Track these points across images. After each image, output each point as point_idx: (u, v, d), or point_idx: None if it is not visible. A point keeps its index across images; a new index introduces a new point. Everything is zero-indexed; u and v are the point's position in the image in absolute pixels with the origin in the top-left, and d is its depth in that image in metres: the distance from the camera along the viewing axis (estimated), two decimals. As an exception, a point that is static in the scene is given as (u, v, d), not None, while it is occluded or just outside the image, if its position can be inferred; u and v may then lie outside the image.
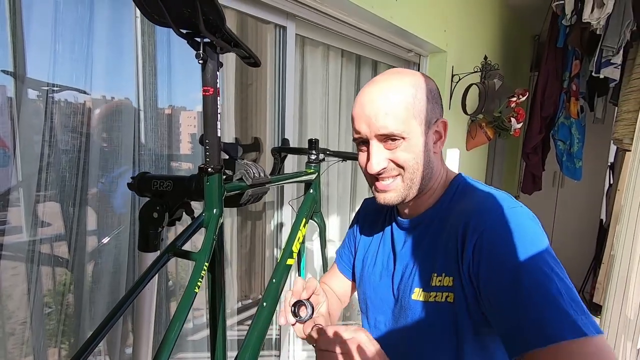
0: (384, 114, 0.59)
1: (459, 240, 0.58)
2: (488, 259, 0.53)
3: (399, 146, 0.60)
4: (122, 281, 1.19)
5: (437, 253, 0.62)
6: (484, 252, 0.53)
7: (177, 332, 0.50)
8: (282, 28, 1.47)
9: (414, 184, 0.63)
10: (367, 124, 0.60)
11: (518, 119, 2.48)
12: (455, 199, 0.66)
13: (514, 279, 0.50)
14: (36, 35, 0.99)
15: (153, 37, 1.20)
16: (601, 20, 2.08)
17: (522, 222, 0.54)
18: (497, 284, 0.52)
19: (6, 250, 0.98)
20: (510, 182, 3.92)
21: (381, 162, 0.61)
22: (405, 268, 0.67)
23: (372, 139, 0.61)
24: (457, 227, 0.59)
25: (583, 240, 3.48)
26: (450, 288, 0.59)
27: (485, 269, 0.53)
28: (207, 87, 0.58)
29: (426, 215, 0.67)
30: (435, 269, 0.61)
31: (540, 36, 3.52)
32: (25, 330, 1.03)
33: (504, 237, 0.53)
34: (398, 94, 0.60)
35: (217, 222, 0.66)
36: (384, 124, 0.59)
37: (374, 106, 0.60)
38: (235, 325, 1.65)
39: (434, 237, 0.64)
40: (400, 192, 0.63)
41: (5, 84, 0.98)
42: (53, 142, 1.03)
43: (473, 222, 0.56)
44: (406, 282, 0.66)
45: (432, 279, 0.61)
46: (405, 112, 0.59)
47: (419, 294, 0.63)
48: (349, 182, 2.13)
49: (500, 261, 0.52)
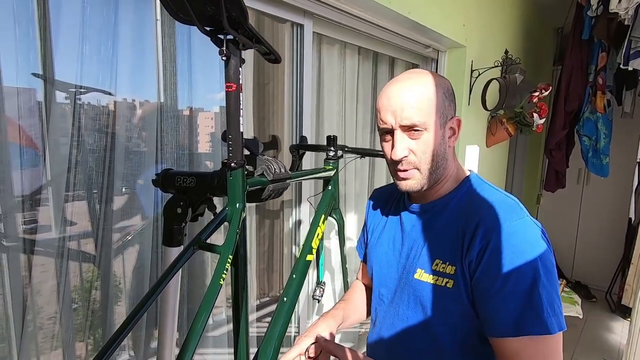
0: (409, 106, 0.65)
1: (466, 240, 0.65)
2: (487, 264, 0.61)
3: (420, 137, 0.67)
4: (145, 276, 1.22)
5: (444, 242, 0.69)
6: (485, 258, 0.61)
7: (203, 324, 0.51)
8: (299, 26, 1.48)
9: (431, 173, 0.69)
10: (393, 115, 0.66)
11: (540, 115, 2.42)
12: (467, 195, 0.72)
13: (504, 281, 0.60)
14: (63, 38, 1.03)
15: (173, 38, 1.23)
16: (629, 10, 2.00)
17: (525, 236, 0.62)
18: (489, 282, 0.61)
19: (37, 247, 1.02)
20: (532, 179, 3.81)
21: (404, 150, 0.67)
22: (411, 249, 0.74)
23: (397, 128, 0.67)
24: (467, 226, 0.66)
25: (610, 240, 3.35)
26: (451, 275, 0.66)
27: (483, 270, 0.62)
28: (230, 83, 0.59)
29: (437, 204, 0.73)
30: (440, 256, 0.68)
31: (563, 29, 3.41)
32: (54, 324, 1.07)
33: (507, 249, 0.60)
34: (421, 90, 0.66)
35: (240, 216, 0.67)
36: (408, 115, 0.65)
37: (399, 99, 0.66)
38: (254, 322, 1.67)
39: (443, 226, 0.70)
40: (419, 180, 0.69)
41: (34, 86, 1.02)
42: (81, 142, 1.07)
43: (482, 228, 0.63)
44: (411, 261, 0.73)
45: (435, 264, 0.68)
46: (427, 106, 0.65)
47: (421, 274, 0.70)
48: (366, 180, 2.12)
49: (497, 268, 0.60)
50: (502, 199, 0.68)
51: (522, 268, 0.59)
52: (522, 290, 0.59)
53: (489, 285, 0.61)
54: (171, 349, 0.82)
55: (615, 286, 3.16)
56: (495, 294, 0.60)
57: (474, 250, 0.63)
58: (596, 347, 2.55)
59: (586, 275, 3.29)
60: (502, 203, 0.66)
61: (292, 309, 0.85)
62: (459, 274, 0.65)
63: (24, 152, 1.00)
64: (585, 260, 3.00)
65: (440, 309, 0.68)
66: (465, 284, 0.64)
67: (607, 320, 2.87)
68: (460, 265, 0.65)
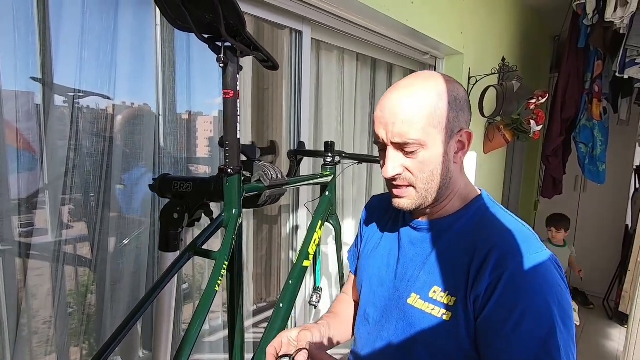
0: (400, 121, 0.57)
1: (473, 269, 0.57)
2: (501, 298, 0.53)
3: (416, 155, 0.59)
4: (142, 281, 1.22)
5: (446, 268, 0.61)
6: (498, 292, 0.54)
7: (198, 330, 0.51)
8: (297, 32, 1.49)
9: (429, 193, 0.61)
10: (384, 129, 0.59)
11: (537, 121, 2.43)
12: (476, 217, 0.64)
13: (519, 321, 0.52)
14: (63, 42, 1.03)
15: (172, 44, 1.24)
16: (625, 19, 2.02)
17: (544, 269, 0.55)
18: (501, 320, 0.53)
19: (33, 250, 1.01)
20: (529, 186, 3.83)
21: (396, 168, 0.60)
22: (407, 269, 0.67)
23: (389, 144, 0.60)
24: (476, 254, 0.58)
25: (607, 247, 3.36)
26: (449, 307, 0.58)
27: (494, 305, 0.54)
28: (227, 89, 0.59)
29: (440, 223, 0.66)
30: (439, 283, 0.61)
31: (560, 36, 3.44)
32: (49, 328, 1.06)
33: (525, 285, 0.53)
34: (418, 102, 0.58)
35: (237, 222, 0.67)
36: (399, 131, 0.58)
37: (392, 112, 0.58)
38: (250, 327, 1.66)
39: (445, 249, 0.63)
40: (414, 200, 0.62)
41: (33, 90, 1.02)
42: (78, 146, 1.07)
43: (495, 257, 0.55)
44: (406, 283, 0.65)
45: (433, 291, 0.61)
46: (425, 121, 0.57)
47: (415, 300, 0.62)
48: (364, 186, 2.12)
49: (512, 304, 0.53)
50: (517, 227, 0.60)
51: (540, 310, 0.52)
52: (538, 335, 0.51)
53: (500, 323, 0.53)
54: (166, 355, 0.81)
55: (612, 293, 3.16)
56: (507, 334, 0.52)
57: (483, 282, 0.55)
58: (593, 354, 2.55)
59: (583, 282, 3.29)
60: (519, 232, 0.59)
61: (288, 314, 0.85)
62: (460, 308, 0.57)
63: (21, 155, 1.00)
64: (583, 267, 3.01)
65: (431, 341, 0.60)
66: (466, 319, 0.56)
67: (605, 327, 2.86)
68: (463, 299, 0.57)
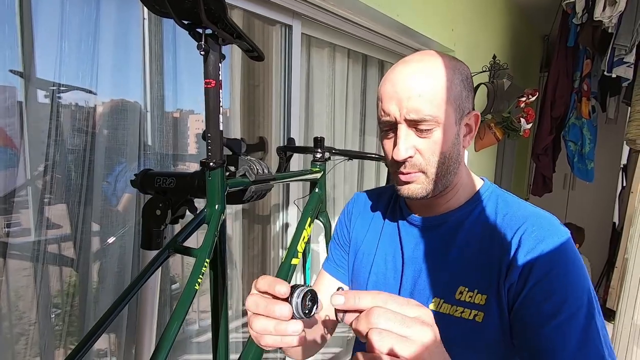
0: (417, 95, 0.52)
1: (504, 259, 0.53)
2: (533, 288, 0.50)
3: (431, 135, 0.54)
4: (126, 280, 1.19)
5: (470, 266, 0.56)
6: (531, 280, 0.50)
7: (176, 330, 0.49)
8: (287, 27, 1.46)
9: (439, 179, 0.56)
10: (397, 105, 0.53)
11: (527, 120, 2.44)
12: (489, 207, 0.59)
13: (560, 307, 0.48)
14: (44, 34, 0.99)
15: (160, 36, 1.20)
16: (613, 18, 2.04)
17: (574, 253, 0.52)
18: (540, 306, 0.50)
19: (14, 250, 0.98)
20: (519, 183, 3.86)
21: (409, 149, 0.54)
22: (420, 272, 0.61)
23: (402, 122, 0.54)
24: (502, 243, 0.54)
25: (595, 244, 3.40)
26: (481, 307, 0.54)
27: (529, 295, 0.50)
28: (209, 79, 0.57)
29: (450, 217, 0.61)
30: (465, 282, 0.56)
31: (550, 35, 3.47)
32: (31, 328, 1.03)
33: (560, 266, 0.50)
34: (435, 75, 0.53)
35: (219, 218, 0.65)
36: (416, 106, 0.52)
37: (407, 86, 0.53)
38: (240, 327, 1.64)
39: (464, 245, 0.58)
40: (424, 186, 0.56)
41: (14, 84, 0.98)
42: (59, 142, 1.03)
43: (526, 245, 0.52)
44: (422, 288, 0.60)
45: (459, 292, 0.56)
46: (441, 96, 0.53)
47: (439, 304, 0.57)
48: (355, 184, 2.11)
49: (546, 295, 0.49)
50: (539, 211, 0.56)
51: (579, 293, 0.49)
52: (578, 321, 0.48)
53: (539, 312, 0.50)
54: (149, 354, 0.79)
55: (600, 289, 3.20)
56: (547, 322, 0.49)
57: (517, 268, 0.51)
58: None
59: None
60: (542, 215, 0.55)
61: (275, 314, 0.83)
62: (493, 303, 0.53)
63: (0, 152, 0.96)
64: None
65: (461, 346, 0.54)
66: (500, 314, 0.53)
67: (593, 324, 2.90)
68: (496, 291, 0.53)
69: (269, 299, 0.41)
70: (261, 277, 0.43)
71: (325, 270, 0.76)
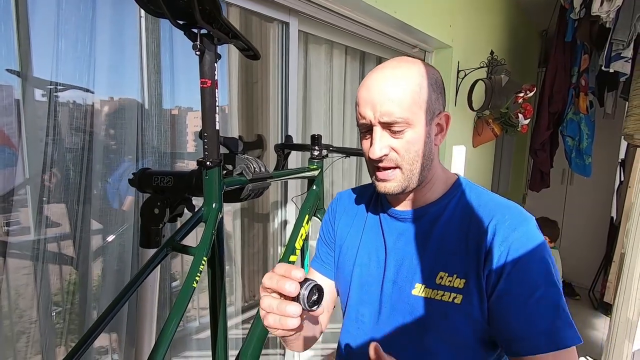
0: (389, 100, 0.58)
1: (481, 247, 0.58)
2: (511, 271, 0.56)
3: (403, 135, 0.59)
4: (126, 279, 1.19)
5: (449, 252, 0.62)
6: (508, 264, 0.56)
7: (175, 326, 0.49)
8: (284, 24, 1.46)
9: (413, 174, 0.62)
10: (372, 109, 0.59)
11: (525, 115, 2.45)
12: (463, 199, 0.65)
13: (531, 291, 0.55)
14: (40, 33, 0.99)
15: (157, 34, 1.20)
16: (611, 13, 2.03)
17: (539, 237, 0.58)
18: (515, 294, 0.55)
19: (13, 249, 0.98)
20: (517, 179, 3.87)
21: (383, 149, 0.60)
22: (402, 260, 0.66)
23: (376, 124, 0.60)
24: (478, 232, 0.59)
25: (593, 238, 3.42)
26: (459, 290, 0.59)
27: (508, 278, 0.56)
28: (204, 79, 0.57)
29: (429, 210, 0.66)
30: (444, 268, 0.61)
31: (547, 31, 3.47)
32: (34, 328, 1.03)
33: (532, 255, 0.56)
34: (405, 81, 0.58)
35: (217, 216, 0.65)
36: (388, 110, 0.58)
37: (379, 91, 0.58)
38: (240, 324, 1.65)
39: (443, 234, 0.63)
40: (401, 182, 0.62)
41: (11, 83, 0.98)
42: (57, 140, 1.03)
43: (500, 231, 0.57)
44: (404, 275, 0.65)
45: (439, 277, 0.61)
46: (411, 100, 0.58)
47: (420, 289, 0.62)
48: (353, 181, 2.11)
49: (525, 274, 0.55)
50: (507, 202, 0.63)
51: (548, 276, 0.55)
52: (552, 299, 0.55)
53: (517, 294, 0.55)
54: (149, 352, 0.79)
55: (598, 284, 3.22)
56: (524, 304, 0.55)
57: (494, 257, 0.57)
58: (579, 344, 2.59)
59: (570, 273, 3.35)
60: (510, 206, 0.62)
61: (273, 310, 0.83)
62: (473, 287, 0.58)
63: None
64: (569, 259, 3.05)
65: (444, 327, 0.60)
66: (479, 297, 0.58)
67: (590, 318, 2.92)
68: (475, 277, 0.58)
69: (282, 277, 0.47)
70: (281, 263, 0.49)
71: (313, 268, 0.82)
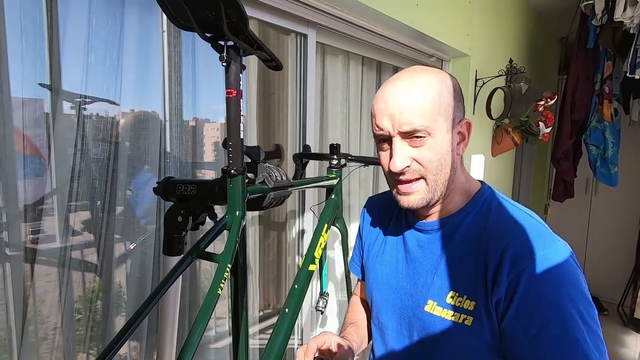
0: (409, 110, 0.56)
1: (490, 271, 0.55)
2: (519, 304, 0.52)
3: (424, 144, 0.57)
4: (147, 286, 1.21)
5: (460, 272, 0.59)
6: (519, 295, 0.52)
7: (200, 334, 0.50)
8: (302, 36, 1.49)
9: (438, 185, 0.59)
10: (390, 119, 0.57)
11: (546, 123, 2.39)
12: (483, 212, 0.61)
13: (545, 322, 0.50)
14: (70, 49, 1.04)
15: (179, 48, 1.24)
16: (635, 18, 1.99)
17: (561, 264, 0.53)
18: (522, 329, 0.52)
19: (40, 256, 1.01)
20: (539, 189, 3.77)
21: (405, 160, 0.57)
22: (418, 275, 0.64)
23: (395, 135, 0.57)
24: (489, 256, 0.56)
25: (621, 251, 3.28)
26: (470, 312, 0.56)
27: (515, 312, 0.52)
28: (230, 89, 0.58)
29: (447, 222, 0.63)
30: (455, 287, 0.59)
31: (568, 38, 3.40)
32: (56, 334, 1.06)
33: (543, 282, 0.52)
34: (424, 90, 0.57)
35: (240, 224, 0.66)
36: (409, 119, 0.55)
37: (398, 101, 0.56)
38: (257, 334, 1.64)
39: (457, 250, 0.61)
40: (425, 195, 0.59)
41: (42, 97, 1.03)
42: (84, 151, 1.07)
43: (510, 256, 0.53)
44: (420, 289, 0.63)
45: (450, 297, 0.59)
46: (431, 108, 0.56)
47: (432, 307, 0.60)
48: (370, 190, 2.10)
49: (534, 304, 0.52)
50: (527, 221, 0.58)
51: (565, 306, 0.50)
52: (567, 333, 0.50)
53: (525, 328, 0.52)
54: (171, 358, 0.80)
55: (627, 299, 3.07)
56: (535, 338, 0.51)
57: (502, 284, 0.53)
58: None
59: (597, 288, 3.21)
60: (530, 226, 0.57)
61: (294, 320, 0.83)
62: (482, 311, 0.55)
63: (29, 162, 1.00)
64: (596, 272, 2.93)
65: (455, 347, 0.58)
66: (489, 322, 0.55)
67: (619, 334, 2.78)
68: (484, 303, 0.55)
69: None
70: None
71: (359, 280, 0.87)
